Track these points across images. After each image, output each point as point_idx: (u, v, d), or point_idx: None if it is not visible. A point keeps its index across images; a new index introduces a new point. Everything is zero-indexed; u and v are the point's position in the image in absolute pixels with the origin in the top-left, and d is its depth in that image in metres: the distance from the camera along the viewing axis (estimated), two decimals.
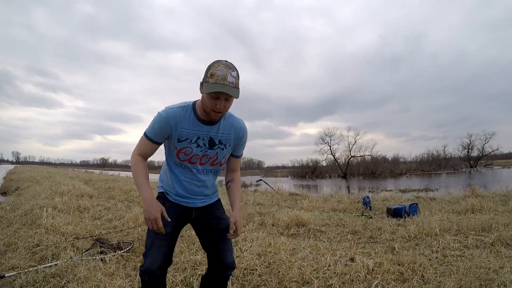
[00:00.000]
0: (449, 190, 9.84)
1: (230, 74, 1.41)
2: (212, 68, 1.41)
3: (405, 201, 6.37)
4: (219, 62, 1.44)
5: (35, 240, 3.44)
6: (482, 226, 3.95)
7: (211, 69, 1.42)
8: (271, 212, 5.60)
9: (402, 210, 5.11)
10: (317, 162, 45.15)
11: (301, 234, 4.16)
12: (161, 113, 1.51)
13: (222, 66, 1.41)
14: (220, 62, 1.44)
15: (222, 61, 1.45)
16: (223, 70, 1.40)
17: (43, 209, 4.91)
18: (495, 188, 8.97)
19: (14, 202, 6.35)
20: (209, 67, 1.44)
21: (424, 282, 2.38)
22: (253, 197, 7.80)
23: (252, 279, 2.46)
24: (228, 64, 1.44)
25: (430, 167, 44.87)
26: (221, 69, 1.40)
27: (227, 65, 1.43)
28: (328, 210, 5.99)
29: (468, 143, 48.54)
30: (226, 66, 1.42)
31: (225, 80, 1.39)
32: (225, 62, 1.45)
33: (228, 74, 1.40)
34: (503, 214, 4.79)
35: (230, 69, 1.42)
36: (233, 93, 1.41)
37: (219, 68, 1.40)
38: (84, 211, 5.37)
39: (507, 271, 2.42)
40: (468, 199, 6.31)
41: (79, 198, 6.61)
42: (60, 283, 2.39)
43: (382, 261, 2.70)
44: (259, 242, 3.31)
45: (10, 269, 2.71)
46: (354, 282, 2.37)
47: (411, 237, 3.77)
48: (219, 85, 1.38)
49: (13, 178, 15.96)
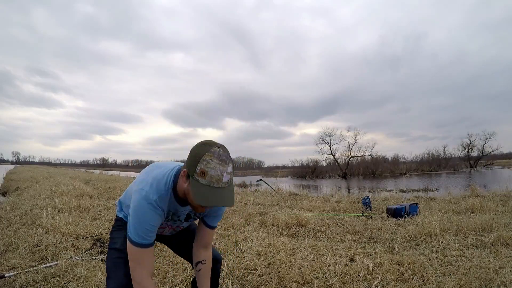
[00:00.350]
0: (449, 190, 9.84)
1: (225, 172, 1.14)
2: (203, 163, 1.12)
3: (405, 201, 6.37)
4: (212, 153, 1.13)
5: (35, 240, 3.44)
6: (482, 226, 3.95)
7: (201, 163, 1.13)
8: (271, 212, 5.60)
9: (402, 210, 5.11)
10: (317, 162, 45.15)
11: (301, 234, 4.15)
12: (153, 205, 1.25)
13: (216, 161, 1.13)
14: (214, 153, 1.14)
15: (216, 149, 1.15)
16: (218, 168, 1.12)
17: (43, 209, 4.91)
18: (495, 188, 8.99)
19: (14, 202, 6.35)
20: (198, 158, 1.14)
21: (424, 282, 2.38)
22: (253, 197, 7.80)
23: (252, 279, 2.46)
24: (223, 156, 1.15)
25: (430, 167, 44.86)
26: (215, 167, 1.12)
27: (222, 158, 1.14)
28: (328, 210, 5.99)
29: (468, 143, 48.59)
30: (221, 161, 1.13)
31: (220, 182, 1.13)
32: (219, 151, 1.15)
33: (223, 174, 1.14)
34: (503, 214, 4.79)
35: (226, 164, 1.15)
36: (230, 204, 1.16)
37: (212, 164, 1.12)
38: (84, 211, 5.37)
39: (507, 271, 2.42)
40: (468, 199, 6.31)
41: (79, 198, 6.62)
42: (60, 283, 2.39)
43: (382, 261, 2.70)
44: (259, 242, 3.31)
45: (10, 269, 2.71)
46: (354, 282, 2.37)
47: (411, 237, 3.76)
48: (213, 192, 1.13)
49: (13, 178, 15.96)
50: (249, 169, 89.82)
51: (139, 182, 1.34)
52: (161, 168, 1.38)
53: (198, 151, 1.16)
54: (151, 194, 1.26)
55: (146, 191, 1.26)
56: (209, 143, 1.18)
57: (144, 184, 1.30)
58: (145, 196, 1.25)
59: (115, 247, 1.48)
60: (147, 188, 1.27)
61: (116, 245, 1.49)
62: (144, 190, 1.27)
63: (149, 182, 1.30)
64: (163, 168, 1.37)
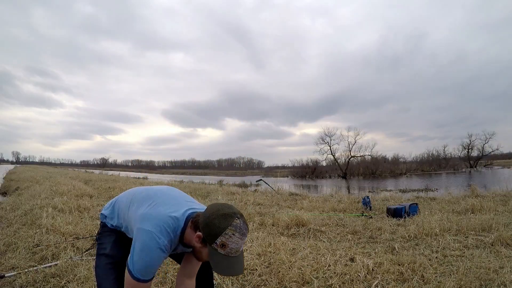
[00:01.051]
0: (449, 190, 9.85)
1: (243, 244, 1.21)
2: (225, 237, 1.16)
3: (405, 201, 6.37)
4: (234, 227, 1.17)
5: (35, 240, 3.44)
6: (482, 226, 3.95)
7: (223, 236, 1.16)
8: (271, 212, 5.60)
9: (402, 210, 5.11)
10: (317, 162, 45.16)
11: (301, 234, 4.16)
12: (161, 249, 1.25)
13: (238, 236, 1.18)
14: (236, 226, 1.18)
15: (237, 222, 1.19)
16: (238, 242, 1.18)
17: (43, 209, 4.91)
18: (495, 188, 8.99)
19: (14, 202, 6.35)
20: (220, 231, 1.16)
21: (424, 282, 2.38)
22: (253, 197, 7.80)
23: (252, 279, 2.46)
24: (244, 229, 1.20)
25: (430, 167, 44.85)
26: (237, 241, 1.17)
27: (243, 231, 1.20)
28: (328, 210, 5.99)
29: (468, 143, 48.54)
30: (242, 234, 1.19)
31: (237, 252, 1.20)
32: (240, 224, 1.19)
33: (242, 246, 1.21)
34: (503, 214, 4.79)
35: (245, 236, 1.21)
36: (241, 271, 1.23)
37: (234, 239, 1.17)
38: (84, 211, 5.37)
39: (507, 271, 2.42)
40: (468, 199, 6.31)
41: (79, 198, 6.62)
42: (60, 283, 2.39)
43: (382, 261, 2.70)
44: (259, 242, 3.32)
45: (10, 269, 2.71)
46: (354, 282, 2.37)
47: (411, 237, 3.77)
48: (229, 261, 1.19)
49: (13, 178, 15.96)
50: (249, 169, 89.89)
51: (144, 218, 1.31)
52: (167, 206, 1.35)
53: (219, 224, 1.16)
54: (161, 239, 1.24)
55: (156, 234, 1.24)
56: (230, 215, 1.19)
57: (152, 225, 1.27)
58: (154, 240, 1.24)
59: (104, 252, 1.49)
60: (156, 232, 1.25)
61: (105, 250, 1.49)
62: (153, 233, 1.24)
63: (157, 224, 1.27)
64: (171, 208, 1.34)
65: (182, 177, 30.48)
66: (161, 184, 13.19)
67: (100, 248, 1.52)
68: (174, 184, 13.21)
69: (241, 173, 61.16)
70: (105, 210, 1.60)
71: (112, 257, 1.46)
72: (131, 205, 1.44)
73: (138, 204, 1.40)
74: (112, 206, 1.57)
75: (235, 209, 1.24)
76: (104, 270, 1.44)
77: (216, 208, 1.22)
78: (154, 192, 1.47)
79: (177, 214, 1.31)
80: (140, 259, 1.23)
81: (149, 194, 1.45)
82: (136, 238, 1.27)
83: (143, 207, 1.37)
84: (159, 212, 1.31)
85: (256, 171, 68.82)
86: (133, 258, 1.25)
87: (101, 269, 1.45)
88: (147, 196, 1.43)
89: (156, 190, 1.49)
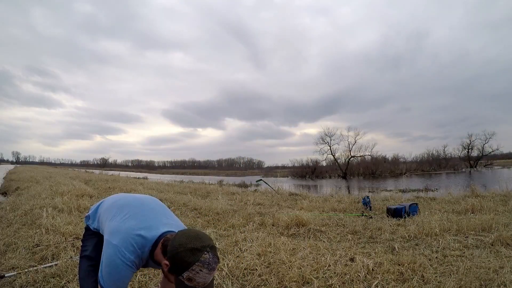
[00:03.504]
0: (449, 190, 9.84)
1: (212, 276, 1.15)
2: (192, 273, 1.09)
3: (405, 201, 6.37)
4: (202, 263, 1.10)
5: (35, 240, 3.44)
6: (482, 226, 3.96)
7: (190, 272, 1.09)
8: (271, 212, 5.60)
9: (402, 210, 5.11)
10: (317, 162, 45.18)
11: (301, 234, 4.16)
12: (130, 266, 1.23)
13: (205, 272, 1.10)
14: (204, 262, 1.10)
15: (205, 256, 1.11)
16: (206, 277, 1.11)
17: (43, 209, 4.91)
18: (495, 188, 8.98)
19: (14, 202, 6.36)
20: (187, 266, 1.09)
21: (424, 282, 2.38)
22: (253, 197, 7.81)
23: (252, 279, 2.46)
24: (213, 263, 1.12)
25: (430, 167, 44.88)
26: (204, 276, 1.11)
27: (212, 266, 1.12)
28: (328, 210, 5.99)
29: (468, 143, 48.56)
30: (210, 269, 1.11)
31: (205, 284, 1.13)
32: (209, 258, 1.12)
33: (210, 279, 1.14)
34: (503, 214, 4.79)
35: (213, 271, 1.13)
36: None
37: (201, 274, 1.10)
38: (84, 211, 5.36)
39: (507, 271, 2.42)
40: (468, 199, 6.32)
41: (79, 198, 6.61)
42: (60, 283, 2.39)
43: (382, 261, 2.70)
44: (259, 242, 3.32)
45: (10, 269, 2.71)
46: (354, 282, 2.37)
47: (411, 237, 3.77)
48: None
49: (13, 178, 15.96)
50: (249, 169, 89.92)
51: (113, 231, 1.28)
52: (139, 220, 1.31)
53: (187, 259, 1.09)
54: (126, 255, 1.21)
55: (121, 250, 1.21)
56: (199, 249, 1.11)
57: (118, 239, 1.24)
58: (120, 255, 1.21)
59: (86, 254, 1.52)
60: (122, 247, 1.22)
61: (86, 252, 1.52)
62: (118, 247, 1.21)
63: (124, 239, 1.24)
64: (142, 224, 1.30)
65: (182, 177, 30.47)
66: (161, 184, 13.21)
67: (83, 251, 1.54)
68: (174, 184, 13.22)
69: (241, 173, 61.16)
70: (90, 211, 1.61)
71: (93, 259, 1.48)
72: (109, 211, 1.43)
73: (115, 212, 1.39)
74: (96, 209, 1.58)
75: (205, 241, 1.14)
76: (86, 273, 1.46)
77: (185, 239, 1.13)
78: (133, 202, 1.45)
79: (145, 233, 1.27)
80: (107, 274, 1.21)
81: (128, 203, 1.44)
82: (104, 251, 1.27)
83: (116, 218, 1.35)
84: (128, 227, 1.28)
85: (256, 171, 68.83)
86: (102, 272, 1.24)
87: (83, 272, 1.47)
88: (125, 205, 1.42)
89: (136, 200, 1.48)
